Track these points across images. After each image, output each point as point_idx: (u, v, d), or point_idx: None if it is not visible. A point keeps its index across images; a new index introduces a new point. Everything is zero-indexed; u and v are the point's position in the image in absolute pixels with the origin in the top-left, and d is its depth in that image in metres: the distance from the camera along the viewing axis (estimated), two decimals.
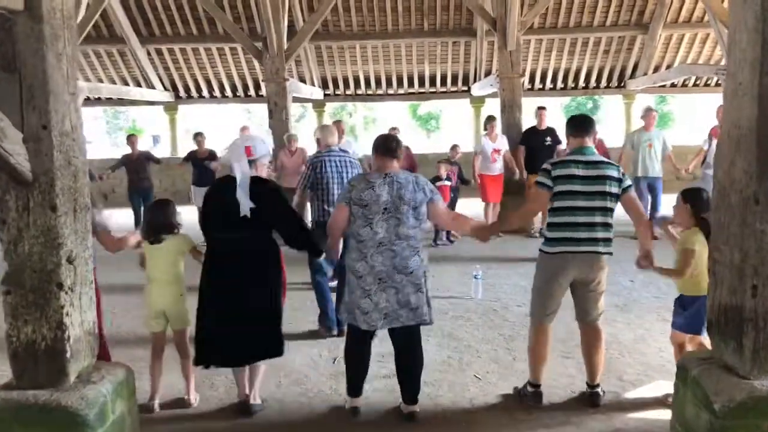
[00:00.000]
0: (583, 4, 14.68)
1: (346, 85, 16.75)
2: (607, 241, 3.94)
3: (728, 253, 3.03)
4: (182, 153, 13.74)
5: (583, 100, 37.23)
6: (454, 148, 10.29)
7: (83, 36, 11.05)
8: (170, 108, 17.16)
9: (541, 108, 9.95)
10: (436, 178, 9.20)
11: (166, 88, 16.51)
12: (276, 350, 3.97)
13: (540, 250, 4.05)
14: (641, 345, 5.13)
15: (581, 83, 16.80)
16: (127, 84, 16.11)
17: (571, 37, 15.43)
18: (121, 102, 17.32)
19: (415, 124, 41.73)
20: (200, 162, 10.00)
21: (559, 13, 14.81)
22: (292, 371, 4.68)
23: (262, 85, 11.92)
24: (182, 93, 16.83)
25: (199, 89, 16.77)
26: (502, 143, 9.82)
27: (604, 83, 16.87)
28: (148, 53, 15.48)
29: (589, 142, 4.05)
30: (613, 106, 30.26)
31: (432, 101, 23.49)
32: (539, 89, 17.00)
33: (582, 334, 4.15)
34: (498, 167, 9.75)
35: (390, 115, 35.78)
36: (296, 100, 15.43)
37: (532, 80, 16.64)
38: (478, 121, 17.50)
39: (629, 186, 3.99)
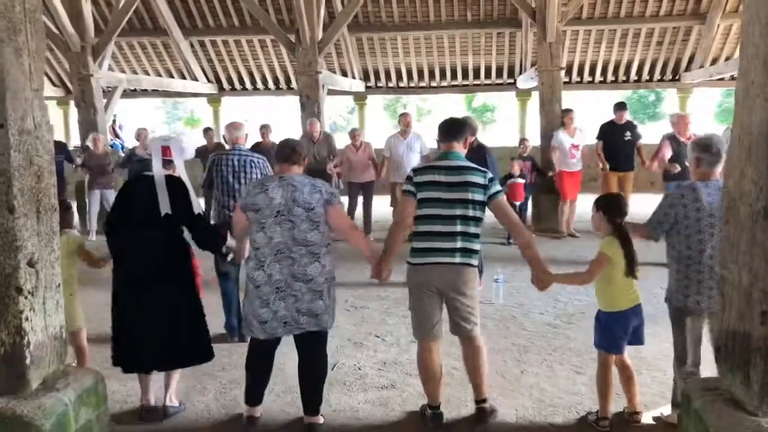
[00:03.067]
0: None
1: (388, 78, 16.51)
2: (468, 251, 3.66)
3: (737, 273, 2.69)
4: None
5: (646, 93, 35.96)
6: (522, 142, 9.88)
7: (121, 27, 11.11)
8: (214, 100, 17.27)
9: (620, 104, 9.38)
10: (508, 176, 8.88)
11: (209, 80, 16.61)
12: (202, 356, 3.91)
13: (407, 261, 3.78)
14: (663, 361, 4.76)
15: (633, 76, 16.10)
16: (171, 76, 16.28)
17: (623, 28, 14.75)
18: (166, 94, 17.50)
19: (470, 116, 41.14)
20: (265, 153, 9.81)
21: (610, 3, 14.18)
22: (287, 378, 4.51)
23: (292, 78, 11.79)
24: (225, 85, 16.90)
25: (242, 81, 16.80)
26: (581, 138, 9.42)
27: (657, 76, 16.12)
28: (191, 45, 15.57)
29: (458, 147, 3.79)
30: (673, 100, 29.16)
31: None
32: (588, 82, 16.39)
33: (462, 348, 3.88)
34: (577, 163, 9.36)
35: (444, 107, 35.32)
36: (335, 93, 15.33)
37: (581, 73, 16.06)
38: (523, 114, 17.04)
39: (497, 192, 3.70)
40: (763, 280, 2.55)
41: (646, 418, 3.89)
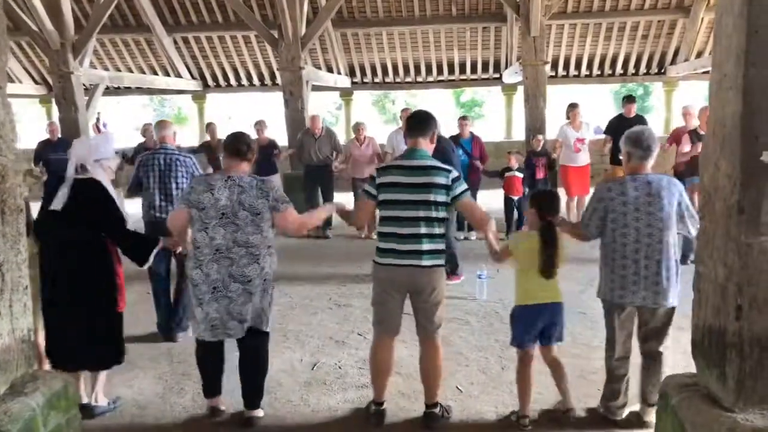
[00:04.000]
0: None
1: (374, 73, 16.44)
2: (435, 253, 3.62)
3: (712, 267, 2.67)
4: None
5: (634, 87, 36.01)
6: (535, 137, 9.58)
7: (101, 24, 10.98)
8: (198, 97, 17.15)
9: (629, 97, 9.32)
10: (506, 169, 8.79)
11: (193, 77, 16.48)
12: (112, 359, 3.88)
13: (373, 260, 3.74)
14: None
15: (619, 70, 16.10)
16: (155, 73, 16.13)
17: (608, 22, 14.76)
18: (150, 91, 17.36)
19: (459, 111, 41.19)
20: (261, 152, 9.73)
21: None
22: (268, 378, 4.45)
23: (277, 74, 11.70)
24: (210, 81, 16.77)
25: (226, 78, 16.68)
26: (587, 132, 9.32)
27: (643, 70, 16.12)
28: (175, 42, 15.43)
29: (423, 144, 3.71)
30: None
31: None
32: (574, 76, 16.38)
33: (420, 348, 3.83)
34: (582, 158, 9.20)
35: (432, 102, 35.31)
36: (321, 89, 15.24)
37: (566, 67, 16.05)
38: (510, 109, 17.03)
39: (463, 192, 3.64)
40: (738, 274, 2.52)
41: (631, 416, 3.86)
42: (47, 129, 10.09)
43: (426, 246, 3.58)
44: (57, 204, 3.71)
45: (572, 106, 9.39)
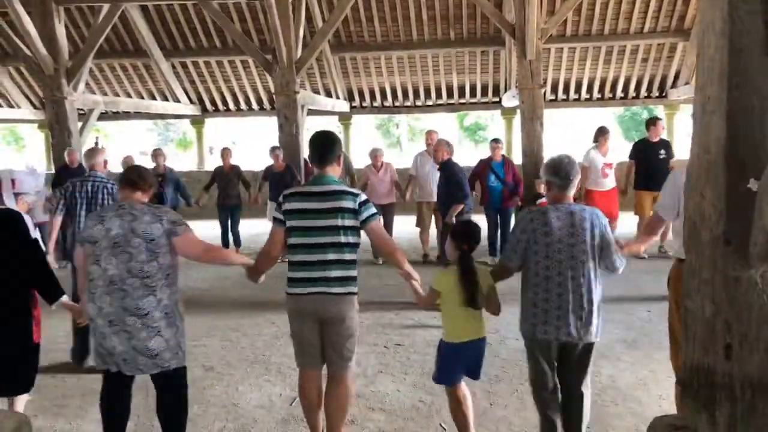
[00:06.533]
0: (618, 11, 13.95)
1: (373, 97, 16.40)
2: (345, 280, 3.49)
3: (699, 302, 2.49)
4: (210, 167, 13.49)
5: (638, 110, 35.95)
6: (538, 182, 9.40)
7: (96, 48, 10.95)
8: (197, 121, 17.13)
9: (655, 119, 9.16)
10: (537, 195, 8.59)
11: (192, 101, 16.47)
12: (23, 387, 3.74)
13: (285, 291, 3.59)
14: (640, 391, 4.54)
15: (619, 93, 16.02)
16: (153, 97, 16.13)
17: (607, 45, 14.71)
18: (148, 116, 17.36)
19: (462, 134, 41.15)
20: (278, 176, 9.54)
21: (593, 21, 14.12)
22: (244, 413, 4.28)
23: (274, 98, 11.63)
24: (208, 106, 16.76)
25: (225, 102, 16.67)
26: (614, 157, 9.12)
27: (644, 93, 16.04)
28: (173, 66, 15.44)
29: (330, 171, 3.61)
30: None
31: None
32: (574, 99, 16.31)
33: (326, 385, 3.65)
34: (609, 182, 9.00)
35: (436, 126, 35.31)
36: (320, 113, 15.20)
37: (567, 90, 15.98)
38: (509, 133, 16.92)
39: (371, 216, 3.52)
40: (726, 310, 2.34)
41: None
42: (66, 155, 9.98)
43: (335, 273, 3.47)
44: None
45: (602, 131, 9.09)
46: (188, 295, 6.43)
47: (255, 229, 11.11)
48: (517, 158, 10.65)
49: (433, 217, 8.92)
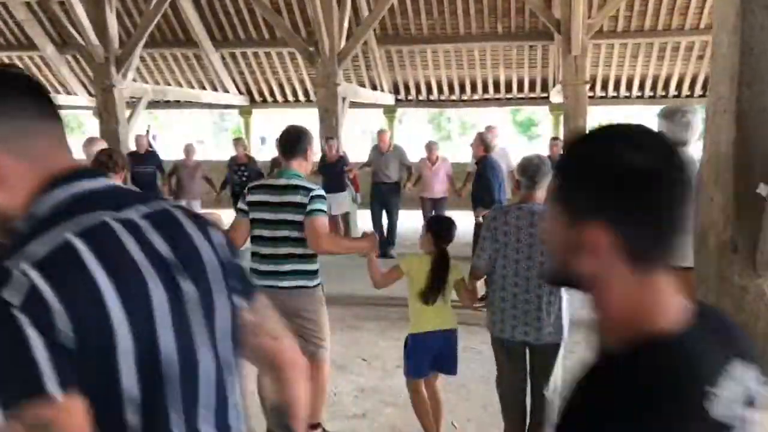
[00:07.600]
0: (673, 7, 13.51)
1: (419, 91, 16.32)
2: (298, 273, 3.52)
3: None
4: (260, 157, 13.69)
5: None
6: None
7: (145, 38, 11.18)
8: (245, 112, 17.36)
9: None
10: None
11: (240, 92, 16.69)
12: None
13: None
14: None
15: (672, 91, 15.53)
16: (203, 87, 16.41)
17: (660, 41, 14.27)
18: (196, 105, 17.66)
19: (515, 130, 40.62)
20: (331, 168, 9.47)
21: (646, 16, 13.70)
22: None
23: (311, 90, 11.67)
24: (256, 97, 16.96)
25: (272, 93, 16.84)
26: None
27: (699, 91, 15.50)
28: (222, 57, 15.67)
29: (294, 165, 3.61)
30: None
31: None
32: (625, 97, 15.89)
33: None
34: None
35: (487, 121, 34.79)
36: (363, 105, 15.21)
37: (617, 87, 15.58)
38: (557, 128, 16.58)
39: (313, 211, 3.47)
40: (732, 318, 2.24)
41: None
42: (135, 141, 10.21)
43: (288, 267, 3.50)
44: None
45: None
46: None
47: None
48: None
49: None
